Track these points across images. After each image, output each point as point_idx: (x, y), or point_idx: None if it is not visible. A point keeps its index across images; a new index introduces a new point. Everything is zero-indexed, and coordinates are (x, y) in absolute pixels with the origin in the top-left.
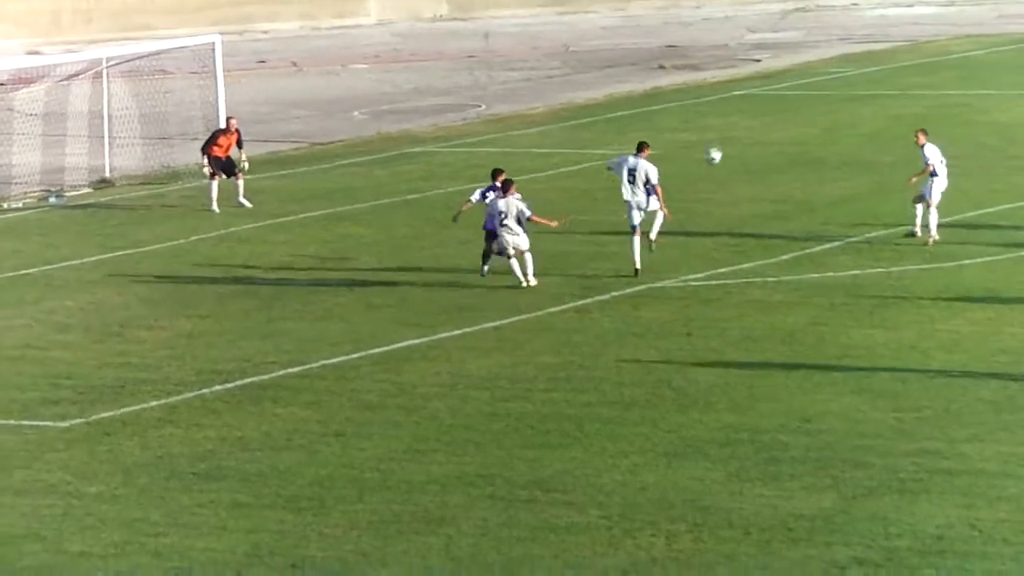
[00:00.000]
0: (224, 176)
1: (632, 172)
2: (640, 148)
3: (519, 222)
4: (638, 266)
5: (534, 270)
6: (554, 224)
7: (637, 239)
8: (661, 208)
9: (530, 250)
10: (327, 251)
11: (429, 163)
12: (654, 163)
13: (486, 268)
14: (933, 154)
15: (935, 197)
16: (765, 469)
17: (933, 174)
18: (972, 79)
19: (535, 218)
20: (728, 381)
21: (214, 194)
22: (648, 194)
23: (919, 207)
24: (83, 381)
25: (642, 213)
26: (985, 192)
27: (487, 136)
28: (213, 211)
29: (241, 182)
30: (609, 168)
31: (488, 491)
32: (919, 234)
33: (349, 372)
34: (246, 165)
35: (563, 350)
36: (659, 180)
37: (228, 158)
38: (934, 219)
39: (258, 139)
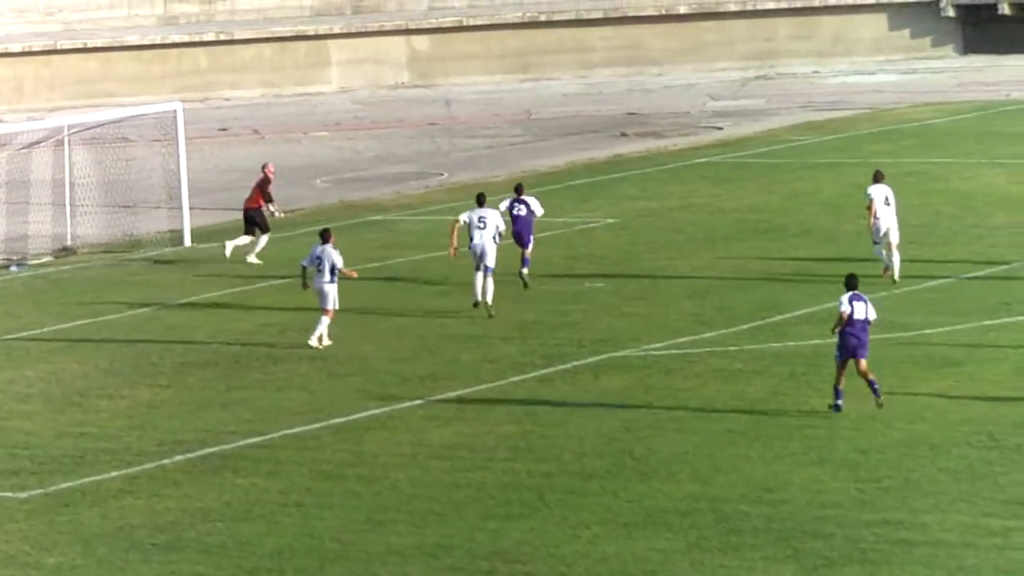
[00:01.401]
0: (252, 228)
1: (482, 219)
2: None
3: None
4: (478, 299)
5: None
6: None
7: (480, 276)
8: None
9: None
10: (289, 320)
11: (391, 231)
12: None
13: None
14: (876, 193)
15: (891, 237)
16: (726, 539)
17: (876, 216)
18: (932, 147)
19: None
20: (689, 451)
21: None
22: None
23: (881, 249)
24: (42, 451)
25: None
26: (945, 261)
27: (449, 204)
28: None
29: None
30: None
31: (448, 562)
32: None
33: (310, 442)
34: (279, 215)
35: (524, 420)
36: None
37: (259, 208)
38: (895, 259)
39: (220, 207)
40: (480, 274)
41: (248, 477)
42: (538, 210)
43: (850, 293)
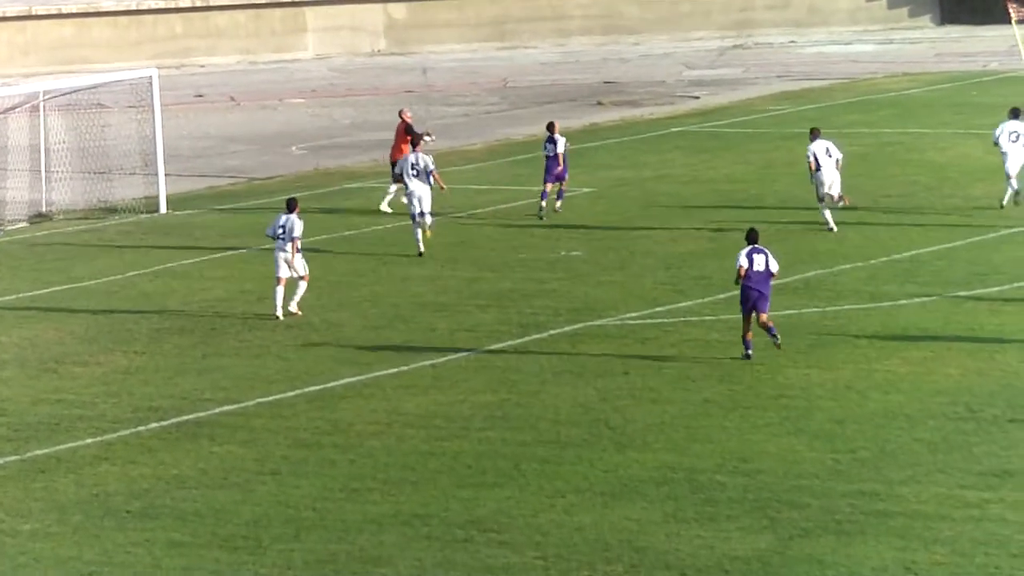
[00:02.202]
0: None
1: (414, 166)
2: (415, 143)
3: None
4: (422, 250)
5: None
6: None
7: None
8: (439, 183)
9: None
10: (264, 287)
11: (367, 199)
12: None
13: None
14: (816, 148)
15: (832, 190)
16: (702, 510)
17: (817, 168)
18: (908, 117)
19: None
20: (665, 421)
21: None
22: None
23: (825, 210)
24: (17, 418)
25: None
26: (921, 232)
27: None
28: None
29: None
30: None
31: (424, 531)
32: (834, 230)
33: (285, 410)
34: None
35: (500, 388)
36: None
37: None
38: (828, 212)
39: (195, 174)
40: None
41: (224, 444)
42: (561, 150)
43: (749, 247)
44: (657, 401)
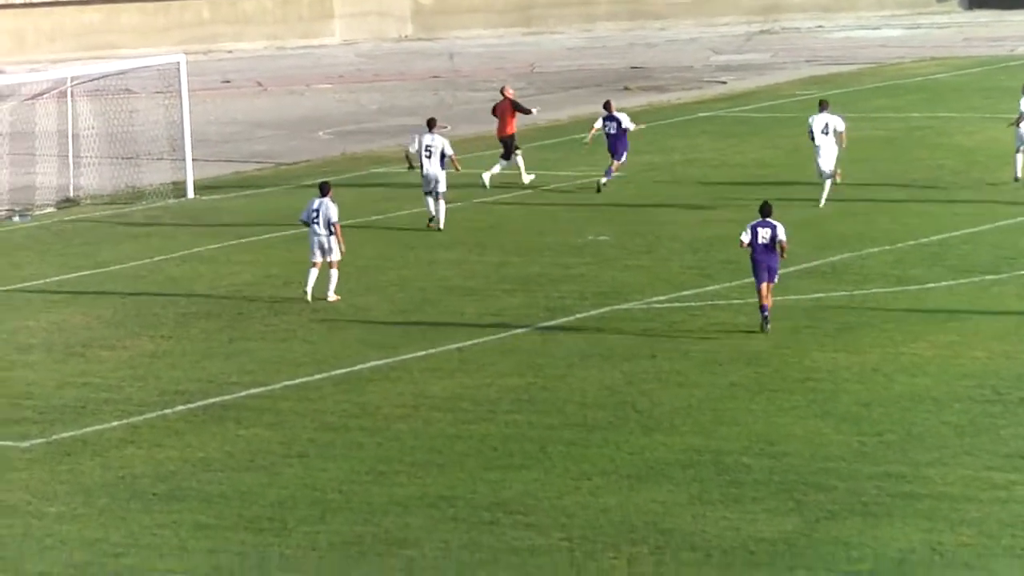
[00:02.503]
0: (507, 157)
1: (429, 147)
2: (431, 124)
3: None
4: (433, 215)
5: None
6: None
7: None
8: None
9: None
10: (291, 272)
11: (394, 184)
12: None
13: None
14: (816, 122)
15: (823, 167)
16: (728, 492)
17: (812, 141)
18: (936, 102)
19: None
20: (692, 404)
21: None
22: (443, 167)
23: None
24: (44, 401)
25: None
26: (948, 215)
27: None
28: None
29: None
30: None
31: (450, 513)
32: (820, 206)
33: (312, 393)
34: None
35: (527, 372)
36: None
37: (512, 136)
38: (827, 186)
39: (222, 159)
40: (431, 199)
41: (250, 428)
42: (629, 125)
43: (757, 220)
44: (684, 384)
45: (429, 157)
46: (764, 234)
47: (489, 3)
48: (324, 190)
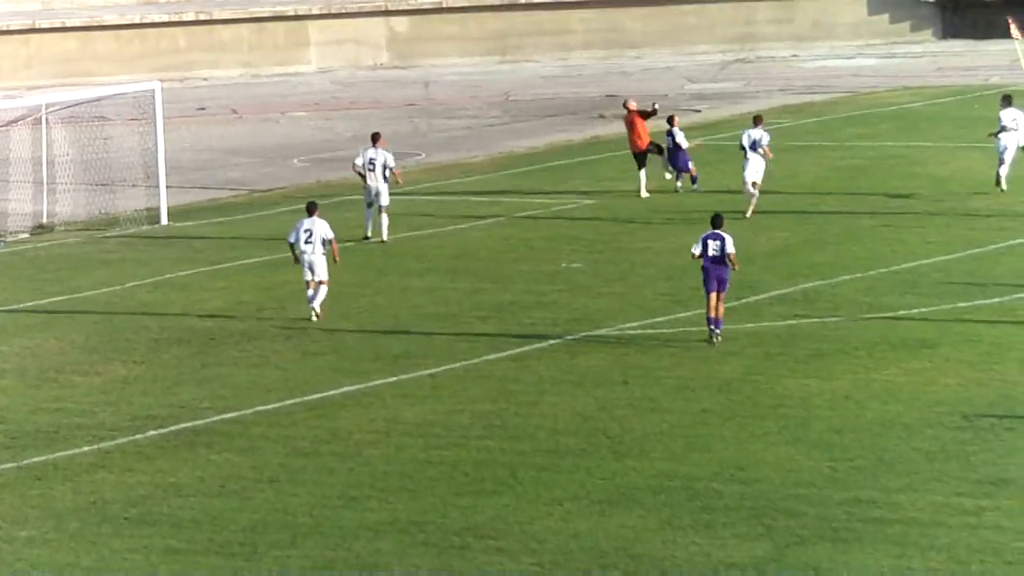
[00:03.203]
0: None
1: (372, 160)
2: (375, 139)
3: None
4: (368, 235)
5: None
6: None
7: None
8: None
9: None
10: (264, 298)
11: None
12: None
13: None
14: (746, 138)
15: (749, 178)
16: (698, 517)
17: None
18: (910, 131)
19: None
20: (663, 430)
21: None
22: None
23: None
24: (16, 426)
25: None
26: (921, 243)
27: (426, 184)
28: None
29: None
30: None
31: (421, 538)
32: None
33: (284, 419)
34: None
35: (499, 398)
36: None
37: (653, 144)
38: (753, 199)
39: (197, 186)
40: (371, 212)
41: (222, 453)
42: (683, 143)
43: (708, 232)
44: (655, 410)
45: (372, 170)
46: (714, 246)
47: (465, 31)
48: (311, 210)
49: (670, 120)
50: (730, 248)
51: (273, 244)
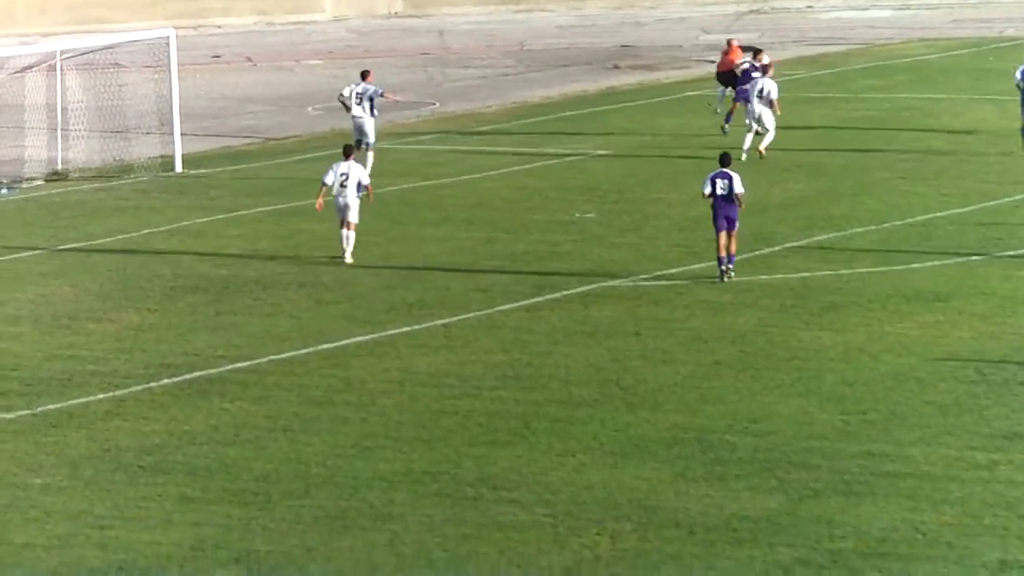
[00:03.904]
0: (724, 87)
1: (359, 95)
2: (363, 75)
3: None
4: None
5: None
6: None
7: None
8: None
9: None
10: (279, 246)
11: (382, 160)
12: None
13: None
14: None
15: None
16: (711, 469)
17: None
18: (925, 83)
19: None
20: (676, 381)
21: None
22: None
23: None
24: (30, 373)
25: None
26: (935, 196)
27: (440, 133)
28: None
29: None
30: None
31: (434, 488)
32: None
33: (298, 368)
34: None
35: (512, 348)
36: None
37: (730, 71)
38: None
39: (211, 134)
40: (344, 229)
41: (236, 401)
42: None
43: (716, 171)
44: (668, 362)
45: (360, 104)
46: (722, 184)
47: None
48: (348, 153)
49: (756, 54)
50: (738, 188)
51: (288, 192)
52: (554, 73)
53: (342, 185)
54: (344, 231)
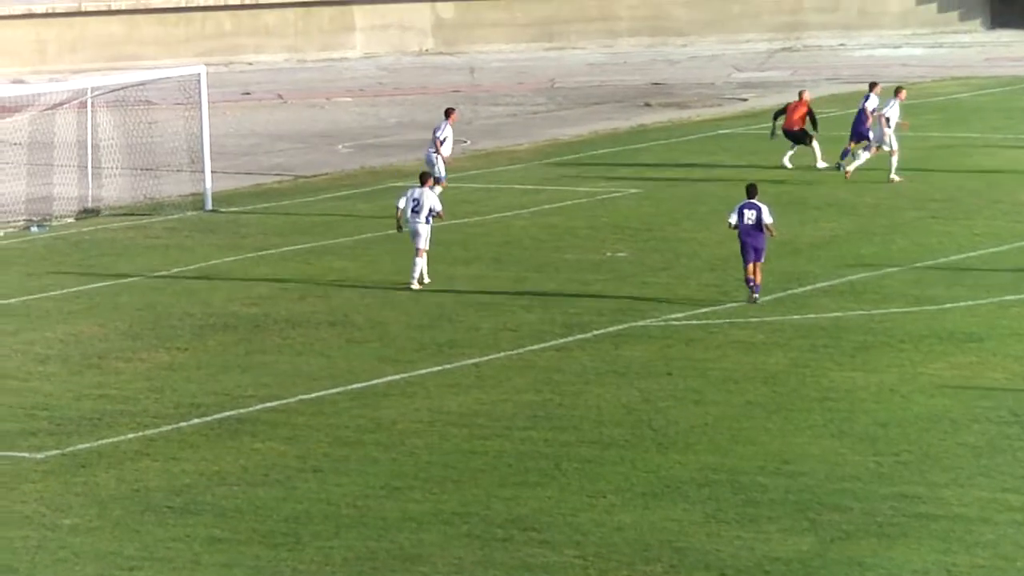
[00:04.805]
0: (795, 143)
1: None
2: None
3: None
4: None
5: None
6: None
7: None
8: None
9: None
10: (309, 285)
11: None
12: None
13: None
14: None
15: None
16: (743, 511)
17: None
18: (956, 122)
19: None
20: (708, 422)
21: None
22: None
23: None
24: (60, 412)
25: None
26: (968, 235)
27: (471, 171)
28: (784, 165)
29: (816, 146)
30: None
31: (464, 529)
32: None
33: (327, 407)
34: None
35: (543, 388)
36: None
37: (801, 130)
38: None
39: (241, 171)
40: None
41: (265, 441)
42: (870, 104)
43: (743, 202)
44: (700, 403)
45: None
46: (750, 215)
47: (511, 18)
48: (423, 180)
49: (872, 86)
50: (767, 218)
51: (318, 230)
52: (585, 111)
53: (413, 211)
54: (417, 258)
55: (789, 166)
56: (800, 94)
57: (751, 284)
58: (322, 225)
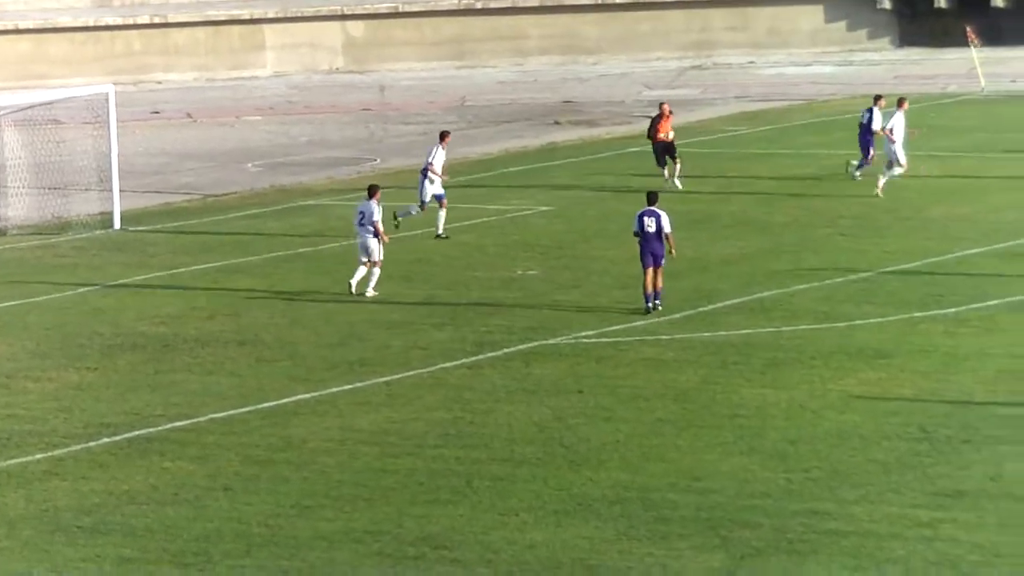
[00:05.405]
0: (670, 157)
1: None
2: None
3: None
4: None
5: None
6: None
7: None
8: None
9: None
10: (218, 304)
11: (323, 216)
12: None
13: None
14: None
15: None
16: (654, 528)
17: None
18: None
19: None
20: (619, 439)
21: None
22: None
23: None
24: None
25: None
26: (878, 253)
27: (381, 189)
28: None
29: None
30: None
31: (376, 547)
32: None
33: (238, 426)
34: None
35: (454, 406)
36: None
37: (671, 142)
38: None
39: (151, 190)
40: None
41: (175, 460)
42: (876, 123)
43: (643, 209)
44: (611, 420)
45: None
46: (649, 223)
47: (421, 36)
48: (372, 192)
49: (877, 99)
50: (666, 227)
51: (227, 249)
52: (495, 129)
53: (359, 224)
54: (360, 268)
55: (680, 186)
56: (660, 105)
57: (648, 298)
58: (231, 244)
